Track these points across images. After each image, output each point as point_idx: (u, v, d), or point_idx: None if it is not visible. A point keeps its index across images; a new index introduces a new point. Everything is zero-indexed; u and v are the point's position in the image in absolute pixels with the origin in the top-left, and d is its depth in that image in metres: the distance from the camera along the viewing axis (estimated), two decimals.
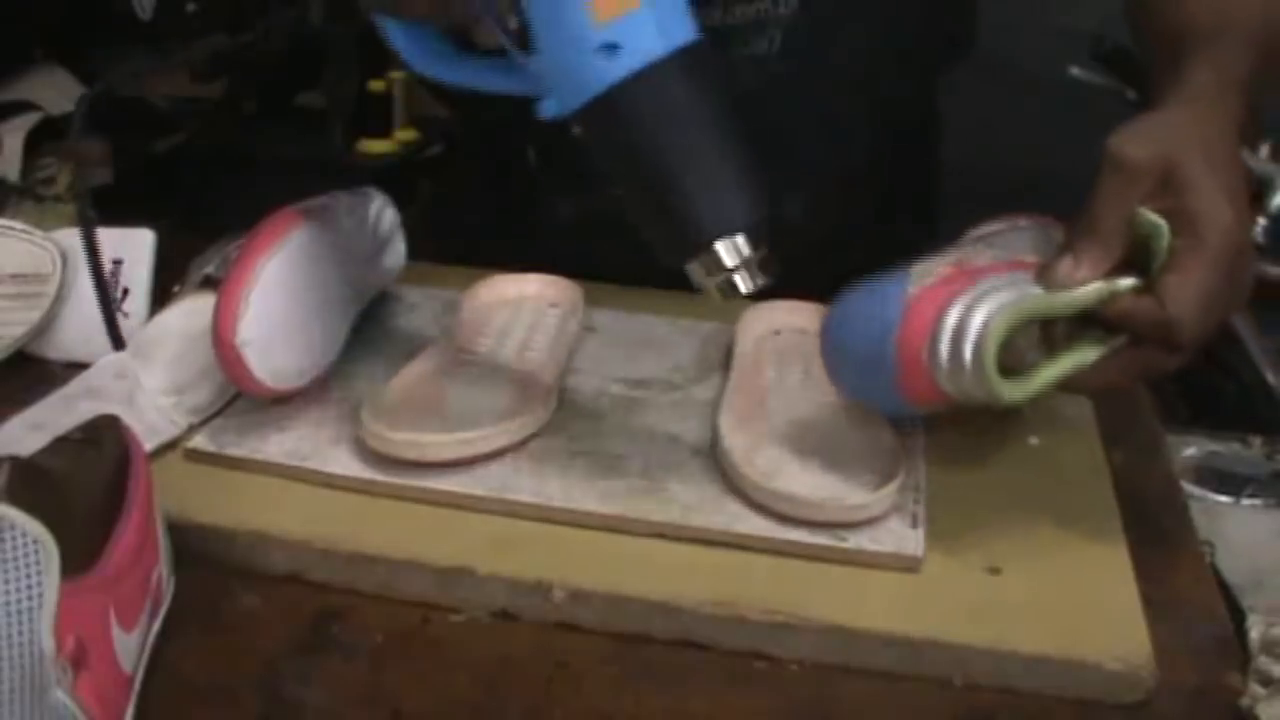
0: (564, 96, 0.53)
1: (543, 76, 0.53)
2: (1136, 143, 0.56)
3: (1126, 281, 0.56)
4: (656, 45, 0.50)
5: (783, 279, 0.57)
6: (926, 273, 0.59)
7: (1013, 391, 0.56)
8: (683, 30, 0.52)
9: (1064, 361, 0.57)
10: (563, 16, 0.50)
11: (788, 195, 0.84)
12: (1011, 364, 0.56)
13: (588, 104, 0.52)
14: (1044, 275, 0.57)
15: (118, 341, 0.72)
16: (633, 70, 0.50)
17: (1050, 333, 0.58)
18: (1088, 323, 0.58)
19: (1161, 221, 0.55)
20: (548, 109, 0.53)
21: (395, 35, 0.60)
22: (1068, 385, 0.58)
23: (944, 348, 0.55)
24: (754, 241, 0.55)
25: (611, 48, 0.49)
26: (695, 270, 0.55)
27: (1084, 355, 0.57)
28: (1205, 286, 0.55)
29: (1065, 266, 0.57)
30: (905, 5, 0.85)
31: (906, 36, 0.87)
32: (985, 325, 0.54)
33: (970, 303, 0.55)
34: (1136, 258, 0.57)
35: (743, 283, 0.55)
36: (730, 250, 0.54)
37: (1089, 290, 0.56)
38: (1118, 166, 0.56)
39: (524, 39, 0.51)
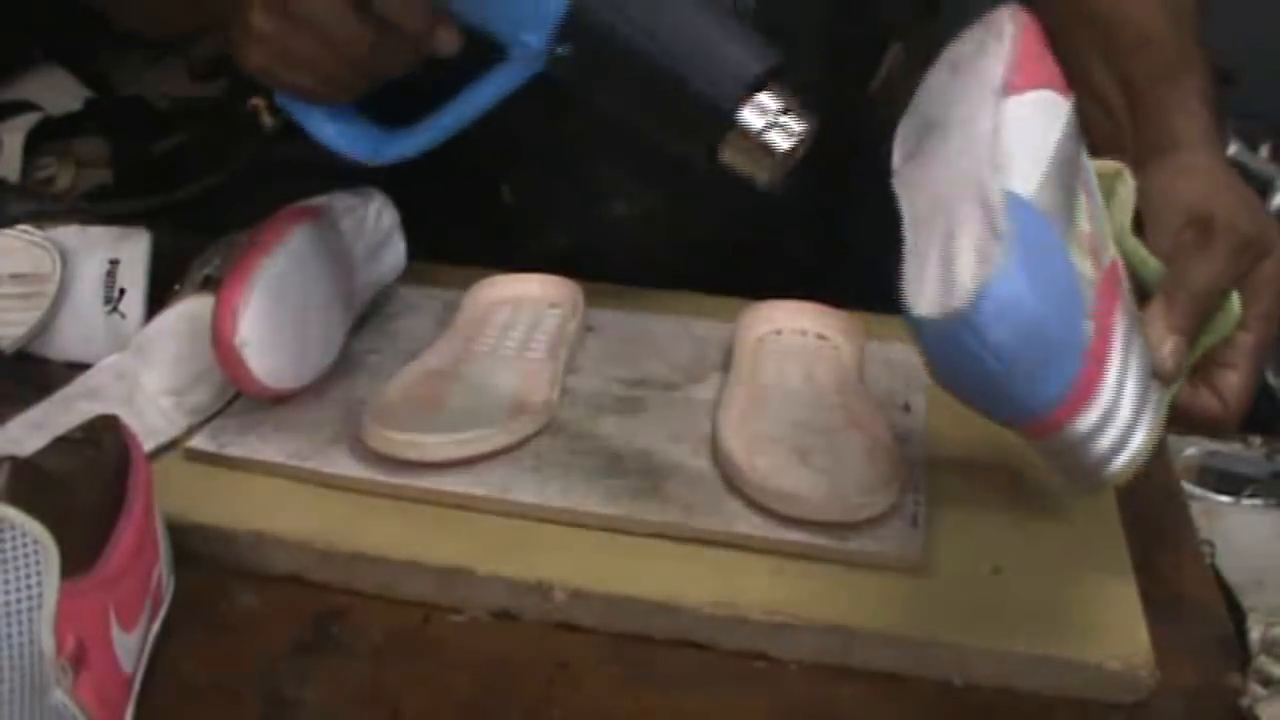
0: (531, 38, 0.52)
1: (506, 39, 0.53)
2: (1241, 212, 0.57)
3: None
4: None
5: (769, 258, 0.57)
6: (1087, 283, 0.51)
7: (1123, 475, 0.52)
8: None
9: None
10: None
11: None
12: None
13: (561, 25, 0.51)
14: (1160, 363, 0.54)
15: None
16: None
17: None
18: None
19: (1237, 302, 0.56)
20: (521, 65, 0.53)
21: (323, 129, 0.61)
22: None
23: (1102, 447, 0.50)
24: (776, 92, 0.52)
25: None
26: (735, 147, 0.53)
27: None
28: (1255, 374, 0.56)
29: (1177, 352, 0.54)
30: None
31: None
32: (1142, 449, 0.51)
33: (1135, 412, 0.50)
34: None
35: (781, 138, 0.52)
36: (756, 112, 0.52)
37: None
38: (1232, 231, 0.56)
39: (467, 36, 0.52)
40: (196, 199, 0.73)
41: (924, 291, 0.48)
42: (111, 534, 0.51)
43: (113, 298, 0.76)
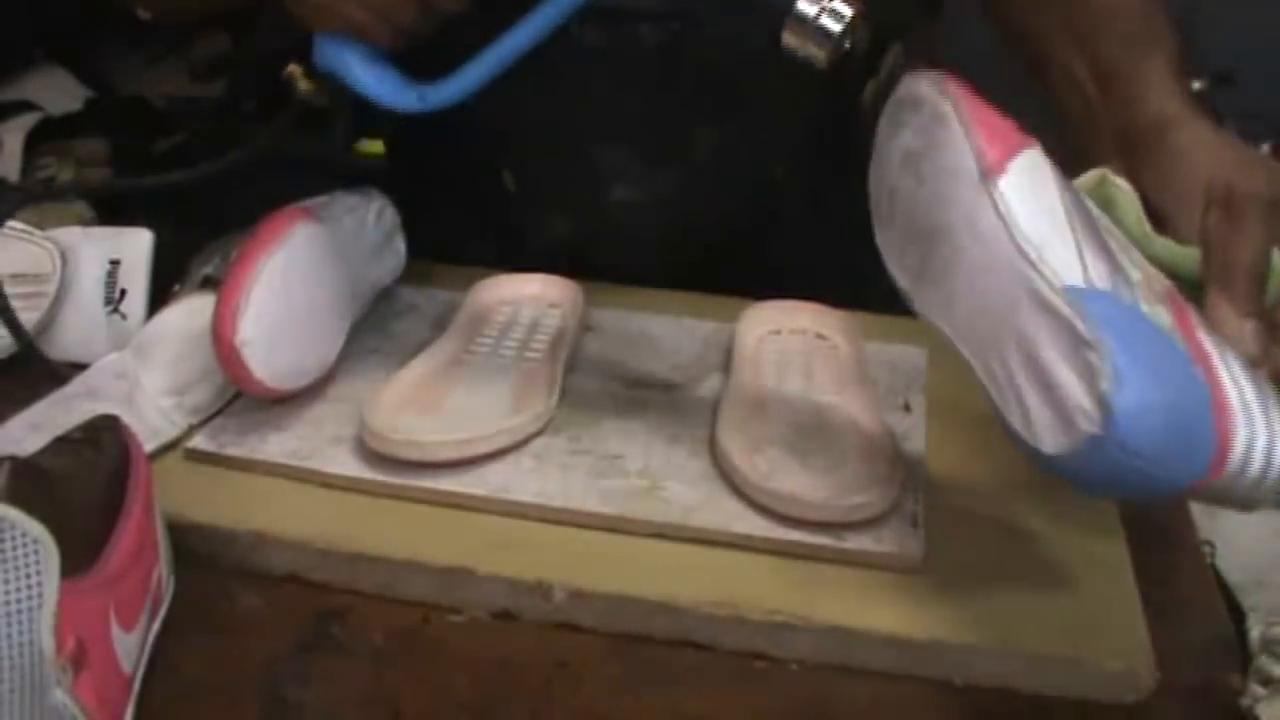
0: None
1: None
2: (1257, 175, 0.56)
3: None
4: None
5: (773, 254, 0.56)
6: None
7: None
8: None
9: None
10: None
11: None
12: None
13: None
14: (1247, 353, 0.52)
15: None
16: None
17: None
18: None
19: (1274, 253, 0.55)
20: None
21: (365, 78, 0.62)
22: None
23: (1258, 465, 0.47)
24: None
25: None
26: (793, 29, 0.57)
27: None
28: None
29: (1258, 335, 0.53)
30: None
31: None
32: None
33: (1264, 413, 0.48)
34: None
35: (832, 21, 0.56)
36: (809, 1, 0.56)
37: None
38: (1265, 201, 0.55)
39: None
40: (197, 182, 0.73)
41: (1037, 426, 0.48)
42: (111, 534, 0.51)
43: (114, 298, 0.76)
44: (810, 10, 0.57)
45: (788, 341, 0.76)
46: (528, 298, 0.80)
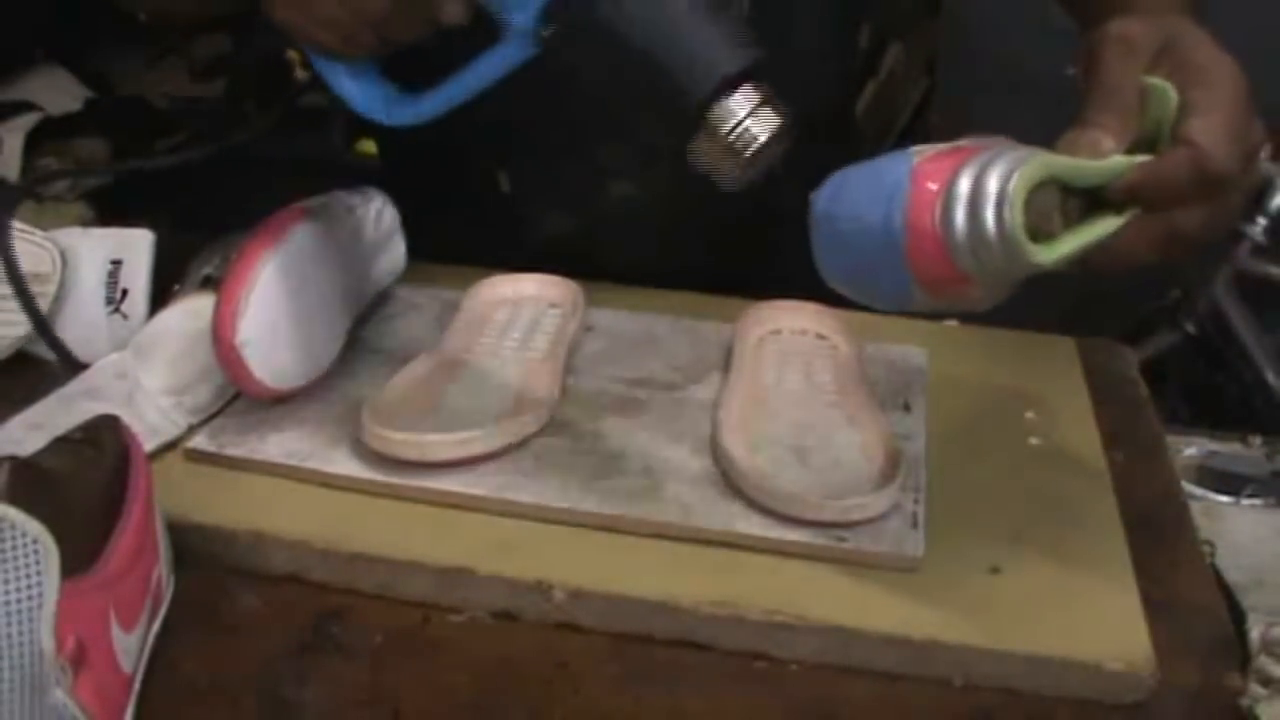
0: (519, 17, 0.55)
1: (498, 17, 0.56)
2: (1131, 21, 0.57)
3: (1143, 157, 0.54)
4: None
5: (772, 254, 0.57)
6: (929, 149, 0.53)
7: (1042, 254, 0.51)
8: None
9: (1088, 230, 0.53)
10: None
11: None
12: (1031, 229, 0.51)
13: (547, 6, 0.54)
14: (1068, 146, 0.54)
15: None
16: None
17: (1065, 209, 0.54)
18: (1099, 205, 0.54)
19: (1167, 84, 0.55)
20: (516, 45, 0.55)
21: (344, 86, 0.64)
22: (1096, 266, 0.55)
23: (960, 211, 0.50)
24: (751, 92, 0.54)
25: None
26: (705, 142, 0.54)
27: (1106, 225, 0.54)
28: (1228, 118, 0.54)
29: (1090, 137, 0.54)
30: None
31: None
32: (1005, 182, 0.50)
33: (985, 163, 0.50)
34: (1143, 140, 0.55)
35: (758, 127, 0.54)
36: (736, 103, 0.53)
37: (1116, 161, 0.54)
38: (1120, 39, 0.56)
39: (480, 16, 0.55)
40: (195, 164, 0.76)
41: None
42: (111, 534, 0.51)
43: (114, 299, 0.76)
44: (725, 122, 0.53)
45: (788, 341, 0.76)
46: (528, 298, 0.80)
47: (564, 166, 0.85)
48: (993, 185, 0.49)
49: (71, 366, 0.71)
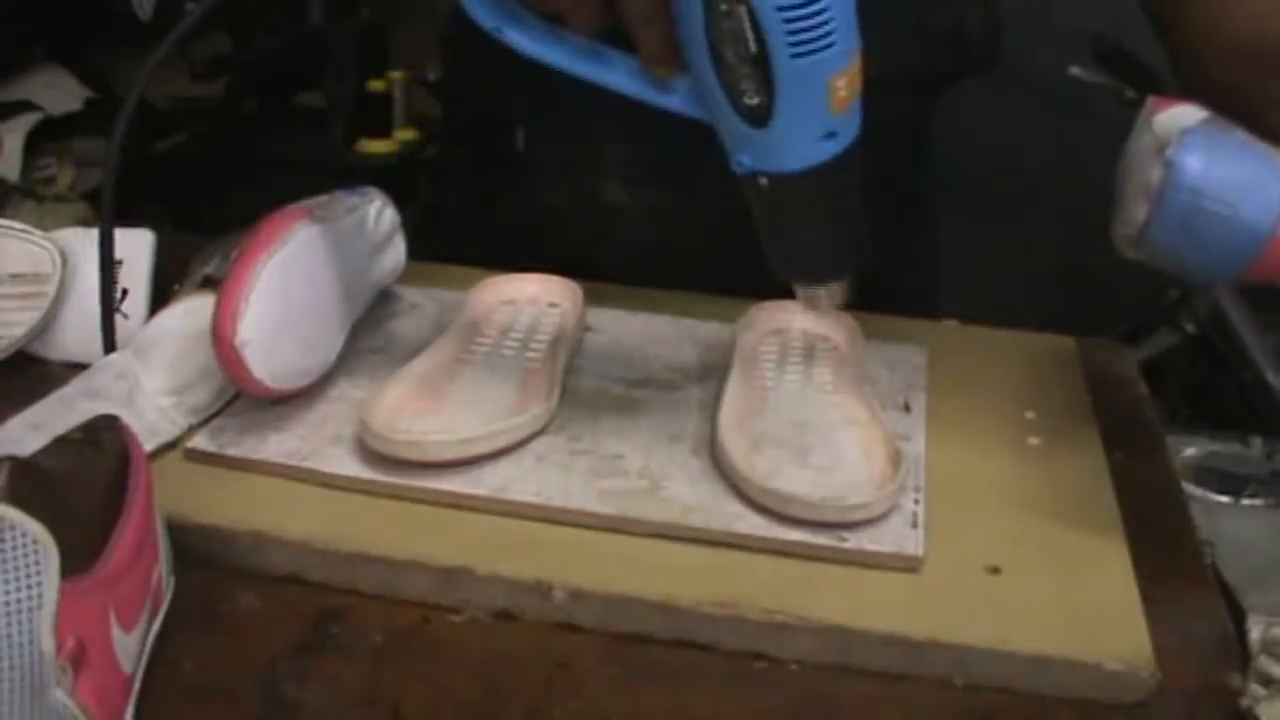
0: (767, 160, 0.57)
1: (742, 138, 0.57)
2: None
3: None
4: (852, 135, 0.57)
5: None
6: None
7: None
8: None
9: None
10: (811, 105, 0.55)
11: None
12: None
13: (795, 173, 0.57)
14: None
15: (110, 345, 0.72)
16: (836, 154, 0.56)
17: None
18: None
19: None
20: (740, 164, 0.58)
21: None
22: None
23: None
24: (836, 286, 0.62)
25: (832, 134, 0.56)
26: (796, 288, 0.63)
27: None
28: None
29: None
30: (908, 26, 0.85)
31: (911, 49, 0.86)
32: None
33: None
34: None
35: (826, 301, 0.62)
36: (814, 290, 0.62)
37: None
38: None
39: (758, 115, 0.55)
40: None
41: (1129, 212, 0.56)
42: (111, 534, 0.51)
43: (114, 299, 0.76)
44: (810, 293, 0.62)
45: (788, 341, 0.76)
46: (528, 298, 0.80)
47: (579, 134, 0.85)
48: None
49: (71, 366, 0.71)
